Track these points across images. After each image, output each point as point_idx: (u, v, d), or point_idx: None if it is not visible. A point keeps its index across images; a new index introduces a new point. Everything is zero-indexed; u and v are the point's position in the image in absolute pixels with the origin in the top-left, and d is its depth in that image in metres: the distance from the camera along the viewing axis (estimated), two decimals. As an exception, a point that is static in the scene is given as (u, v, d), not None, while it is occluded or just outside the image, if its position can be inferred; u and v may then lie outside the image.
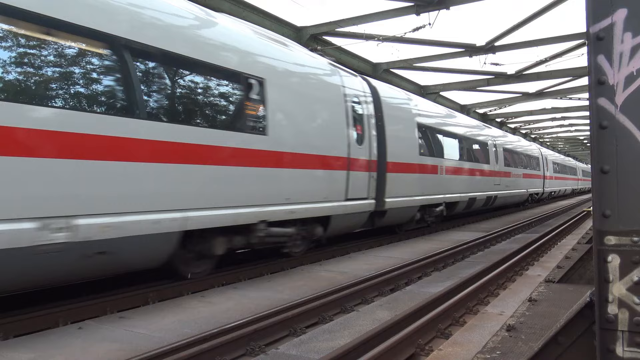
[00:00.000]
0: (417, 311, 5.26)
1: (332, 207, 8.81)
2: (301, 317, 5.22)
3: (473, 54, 16.89)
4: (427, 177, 12.91)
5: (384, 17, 13.62)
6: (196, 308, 5.74)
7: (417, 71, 19.77)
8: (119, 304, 5.68)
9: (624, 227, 1.77)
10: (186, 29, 6.44)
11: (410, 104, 13.01)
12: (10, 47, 4.67)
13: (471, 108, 28.17)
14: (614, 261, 1.79)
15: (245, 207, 6.91)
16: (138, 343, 4.46)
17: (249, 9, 12.27)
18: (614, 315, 1.78)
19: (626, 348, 1.77)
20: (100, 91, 5.45)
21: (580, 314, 2.04)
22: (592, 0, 1.82)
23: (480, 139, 18.39)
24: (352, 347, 4.11)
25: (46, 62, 4.97)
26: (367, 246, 10.76)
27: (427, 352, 4.35)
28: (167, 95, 6.25)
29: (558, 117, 33.20)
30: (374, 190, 10.22)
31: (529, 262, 9.09)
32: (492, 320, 5.03)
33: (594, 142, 1.82)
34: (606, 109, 1.79)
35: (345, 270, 8.03)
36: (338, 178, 9.01)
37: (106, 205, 5.14)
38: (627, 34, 1.77)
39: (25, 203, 4.51)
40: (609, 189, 1.79)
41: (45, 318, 5.05)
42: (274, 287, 6.84)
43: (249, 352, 4.37)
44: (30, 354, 4.22)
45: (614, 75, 1.79)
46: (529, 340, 3.97)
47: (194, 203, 6.10)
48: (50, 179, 4.69)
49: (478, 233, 13.18)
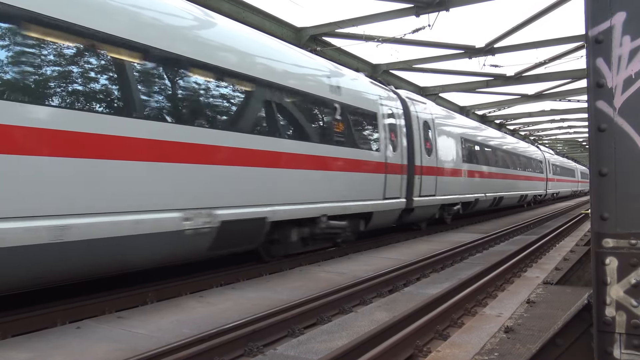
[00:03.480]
0: (416, 312, 5.26)
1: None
2: (299, 318, 5.22)
3: (472, 56, 16.89)
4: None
5: (383, 18, 13.63)
6: (195, 308, 5.74)
7: (416, 72, 19.78)
8: (118, 304, 5.68)
9: (622, 230, 1.77)
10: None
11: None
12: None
13: (470, 109, 28.19)
14: (611, 264, 1.79)
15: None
16: (136, 343, 4.46)
17: (249, 10, 12.25)
18: (612, 318, 1.79)
19: (623, 350, 1.78)
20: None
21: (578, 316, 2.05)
22: (591, 4, 1.83)
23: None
24: (351, 348, 4.11)
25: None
26: (366, 247, 10.77)
27: (425, 354, 4.36)
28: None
29: (557, 119, 33.22)
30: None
31: (528, 264, 9.10)
32: (490, 322, 5.03)
33: (592, 144, 1.83)
34: (605, 111, 1.80)
35: (343, 271, 8.03)
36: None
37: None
38: (626, 37, 1.78)
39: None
40: (607, 191, 1.79)
41: (44, 317, 5.04)
42: (272, 287, 6.84)
43: (247, 353, 4.37)
44: (28, 353, 4.21)
45: (612, 78, 1.79)
46: (527, 342, 3.97)
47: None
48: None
49: (477, 234, 13.19)
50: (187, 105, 6.46)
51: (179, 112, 6.35)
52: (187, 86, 6.47)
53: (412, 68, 18.95)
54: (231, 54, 7.21)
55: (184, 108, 6.41)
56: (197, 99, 6.58)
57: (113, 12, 5.50)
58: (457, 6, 12.86)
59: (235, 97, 7.44)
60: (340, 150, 9.43)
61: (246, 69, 7.30)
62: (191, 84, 6.51)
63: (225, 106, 7.23)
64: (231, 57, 7.17)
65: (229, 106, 7.31)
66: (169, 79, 6.27)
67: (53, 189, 4.81)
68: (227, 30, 7.47)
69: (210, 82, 6.86)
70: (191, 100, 6.49)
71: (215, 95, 6.99)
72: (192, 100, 6.50)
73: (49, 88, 4.99)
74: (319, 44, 14.74)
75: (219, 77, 6.92)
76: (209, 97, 6.81)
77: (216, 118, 7.00)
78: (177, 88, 6.35)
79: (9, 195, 4.49)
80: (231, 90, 7.32)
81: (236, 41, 7.46)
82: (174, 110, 6.28)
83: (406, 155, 11.88)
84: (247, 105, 7.46)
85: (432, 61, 18.19)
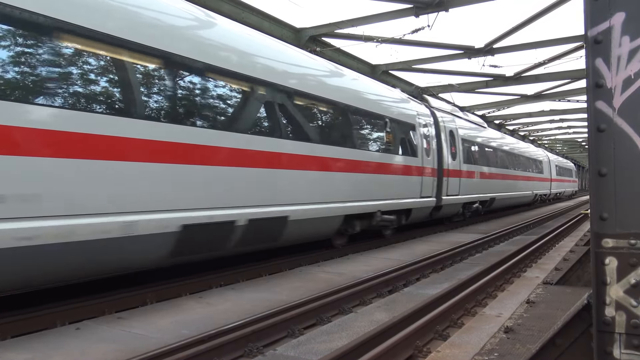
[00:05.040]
0: (415, 313, 5.26)
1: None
2: (299, 319, 5.21)
3: (472, 56, 16.90)
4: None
5: (383, 18, 13.63)
6: (194, 309, 5.73)
7: (415, 73, 19.79)
8: (117, 305, 5.68)
9: (621, 230, 1.77)
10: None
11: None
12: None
13: (470, 110, 28.18)
14: (611, 264, 1.79)
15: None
16: (136, 344, 4.46)
17: (248, 10, 12.25)
18: (611, 318, 1.79)
19: (623, 350, 1.78)
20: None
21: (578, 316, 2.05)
22: (590, 4, 1.83)
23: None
24: (350, 348, 4.11)
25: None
26: (366, 248, 10.76)
27: (425, 354, 4.36)
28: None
29: (556, 119, 33.24)
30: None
31: (527, 264, 9.10)
32: (490, 322, 5.04)
33: (591, 145, 1.83)
34: (604, 112, 1.80)
35: (343, 272, 8.03)
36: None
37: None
38: (625, 38, 1.78)
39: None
40: (606, 191, 1.79)
41: (43, 318, 5.04)
42: (272, 288, 6.84)
43: (247, 354, 4.37)
44: (27, 354, 4.21)
45: (611, 79, 1.79)
46: (527, 342, 3.97)
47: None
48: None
49: (476, 235, 13.19)
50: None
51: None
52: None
53: (411, 68, 18.96)
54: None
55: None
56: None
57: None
58: (457, 7, 12.86)
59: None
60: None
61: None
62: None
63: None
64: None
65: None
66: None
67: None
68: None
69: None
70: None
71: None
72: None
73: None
74: (319, 44, 14.74)
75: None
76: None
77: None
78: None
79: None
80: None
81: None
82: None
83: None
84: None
85: (431, 62, 18.20)
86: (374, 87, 11.85)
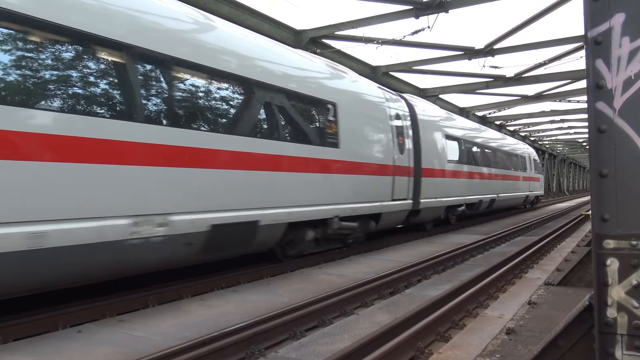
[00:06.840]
0: (417, 314, 5.25)
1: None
2: (301, 321, 5.21)
3: (472, 57, 16.91)
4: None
5: (383, 20, 13.65)
6: (196, 311, 5.73)
7: (416, 74, 19.81)
8: (119, 308, 5.68)
9: (623, 231, 1.77)
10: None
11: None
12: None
13: (470, 111, 28.20)
14: (612, 265, 1.79)
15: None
16: (137, 346, 4.46)
17: (248, 12, 12.27)
18: (613, 319, 1.78)
19: (625, 352, 1.78)
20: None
21: (580, 318, 2.05)
22: (591, 5, 1.83)
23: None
24: (352, 350, 4.10)
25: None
26: (367, 249, 10.75)
27: (427, 355, 4.35)
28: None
29: (557, 119, 33.21)
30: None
31: (529, 264, 9.08)
32: (492, 323, 5.03)
33: (592, 146, 1.83)
34: (604, 113, 1.80)
35: (344, 273, 8.02)
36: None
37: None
38: (625, 39, 1.78)
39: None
40: (607, 192, 1.79)
41: (45, 321, 5.04)
42: (273, 290, 6.84)
43: (249, 356, 4.36)
44: (29, 357, 4.21)
45: (612, 79, 1.79)
46: (529, 343, 3.97)
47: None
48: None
49: (477, 236, 13.17)
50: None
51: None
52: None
53: (411, 70, 18.97)
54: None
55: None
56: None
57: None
58: (457, 8, 12.87)
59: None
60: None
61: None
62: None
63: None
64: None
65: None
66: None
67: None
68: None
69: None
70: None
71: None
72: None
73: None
74: (319, 46, 14.76)
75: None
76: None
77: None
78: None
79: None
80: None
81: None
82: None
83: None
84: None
85: (431, 63, 18.22)
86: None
